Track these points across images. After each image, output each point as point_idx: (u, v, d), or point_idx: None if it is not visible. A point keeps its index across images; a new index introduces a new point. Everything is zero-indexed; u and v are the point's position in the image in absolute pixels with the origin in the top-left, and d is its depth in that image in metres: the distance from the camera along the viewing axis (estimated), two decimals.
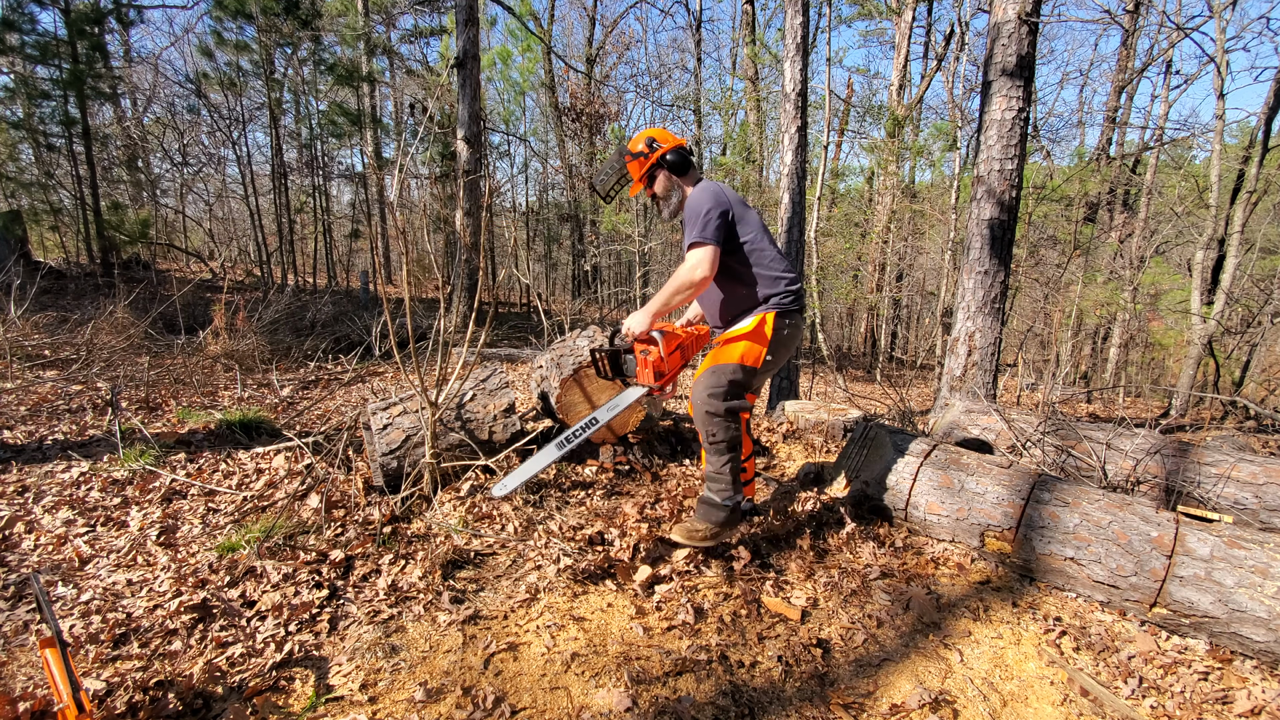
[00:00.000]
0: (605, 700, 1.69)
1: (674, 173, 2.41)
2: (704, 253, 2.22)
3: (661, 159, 2.39)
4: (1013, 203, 4.46)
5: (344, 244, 16.69)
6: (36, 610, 2.01)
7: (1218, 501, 2.73)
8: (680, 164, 2.38)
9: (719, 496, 2.38)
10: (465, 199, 9.96)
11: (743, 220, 2.35)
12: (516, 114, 15.85)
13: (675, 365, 2.48)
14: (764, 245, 2.37)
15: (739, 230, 2.34)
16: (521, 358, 7.14)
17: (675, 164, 2.38)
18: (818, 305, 11.03)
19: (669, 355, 2.42)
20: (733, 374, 2.32)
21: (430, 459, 2.67)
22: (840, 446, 3.82)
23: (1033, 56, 4.41)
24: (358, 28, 13.35)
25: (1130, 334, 13.26)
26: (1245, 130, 12.27)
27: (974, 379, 4.56)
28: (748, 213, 2.39)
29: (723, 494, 2.38)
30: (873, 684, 1.84)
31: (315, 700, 1.67)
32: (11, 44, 9.98)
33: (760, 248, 2.37)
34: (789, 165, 6.23)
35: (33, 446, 3.30)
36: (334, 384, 5.34)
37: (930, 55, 15.72)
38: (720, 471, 2.37)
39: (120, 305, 6.01)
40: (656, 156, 2.39)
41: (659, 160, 2.40)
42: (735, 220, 2.33)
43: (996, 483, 2.48)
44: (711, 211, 2.24)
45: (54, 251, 13.18)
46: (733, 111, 16.02)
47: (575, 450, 3.39)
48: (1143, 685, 1.87)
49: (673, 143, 2.40)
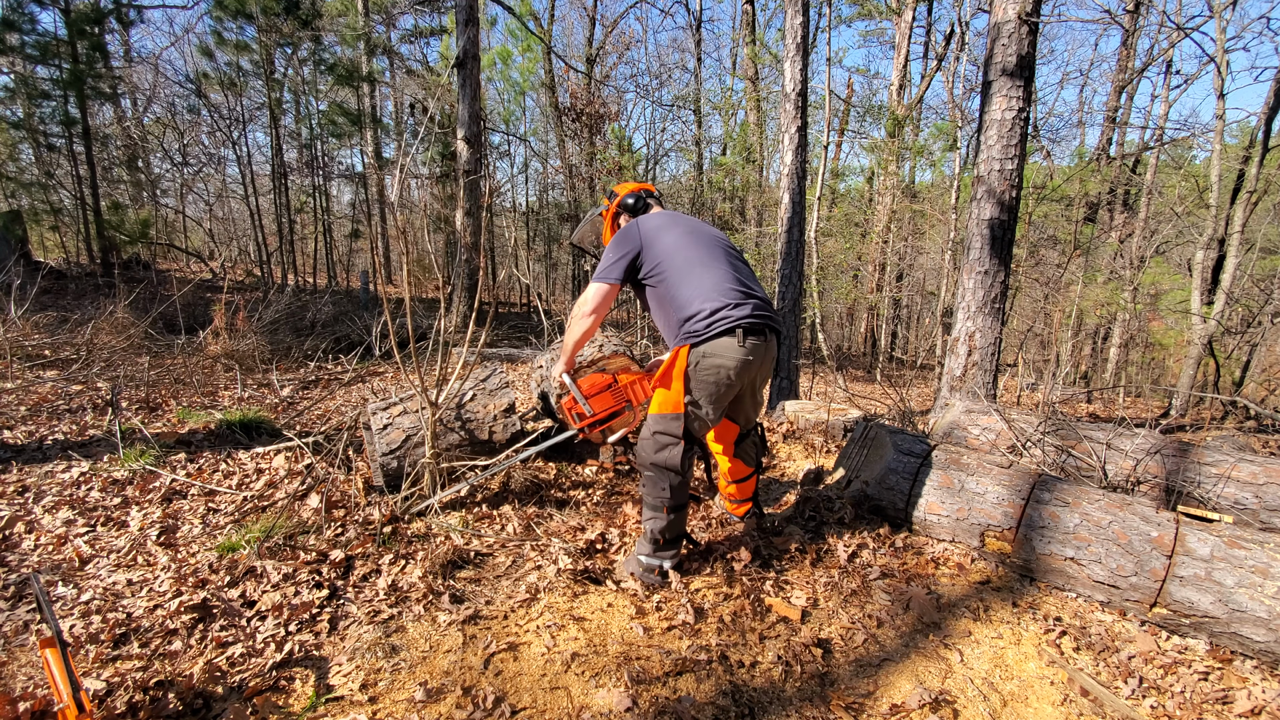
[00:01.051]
0: (605, 700, 1.69)
1: (631, 214, 2.59)
2: (591, 290, 2.29)
3: (622, 204, 2.61)
4: (1013, 203, 4.46)
5: (344, 244, 16.69)
6: (36, 610, 2.01)
7: (1218, 501, 2.73)
8: (634, 206, 2.58)
9: (639, 552, 2.28)
10: (465, 199, 9.95)
11: (652, 248, 2.27)
12: (516, 114, 15.85)
13: (604, 406, 2.49)
14: (678, 269, 2.22)
15: (644, 261, 2.28)
16: (521, 358, 7.14)
17: (630, 206, 2.59)
18: (817, 305, 11.02)
19: (591, 398, 2.47)
20: (654, 425, 2.21)
21: (430, 459, 2.67)
22: (840, 446, 3.82)
23: (1033, 56, 4.41)
24: (358, 28, 13.36)
25: (1130, 334, 13.25)
26: (1245, 130, 12.27)
27: (974, 379, 4.56)
28: (663, 238, 2.29)
29: (641, 550, 2.28)
30: (873, 684, 1.84)
31: (315, 700, 1.67)
32: (11, 44, 9.97)
33: (671, 272, 2.22)
34: (789, 165, 6.23)
35: (33, 446, 3.30)
36: (334, 384, 5.34)
37: (930, 55, 15.71)
38: (642, 526, 2.30)
39: (120, 305, 6.01)
40: (615, 205, 2.63)
41: (619, 207, 2.62)
42: (642, 256, 2.28)
43: (996, 483, 2.48)
44: (615, 252, 2.30)
45: (54, 251, 13.17)
46: (733, 111, 16.02)
47: (571, 451, 3.40)
48: (1143, 685, 1.87)
49: (628, 189, 2.63)
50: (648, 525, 2.24)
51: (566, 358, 2.43)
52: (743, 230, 13.35)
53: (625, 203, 2.60)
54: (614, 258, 2.28)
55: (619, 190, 2.64)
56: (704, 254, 2.27)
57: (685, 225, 2.36)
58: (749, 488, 2.63)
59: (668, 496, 2.19)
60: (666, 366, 2.21)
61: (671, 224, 2.35)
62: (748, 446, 2.54)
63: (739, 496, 2.65)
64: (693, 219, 2.44)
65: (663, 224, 2.35)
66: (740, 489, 2.63)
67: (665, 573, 2.27)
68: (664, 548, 2.26)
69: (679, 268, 2.23)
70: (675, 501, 2.20)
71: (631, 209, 2.58)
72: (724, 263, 2.27)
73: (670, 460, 2.16)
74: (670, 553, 2.27)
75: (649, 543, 2.25)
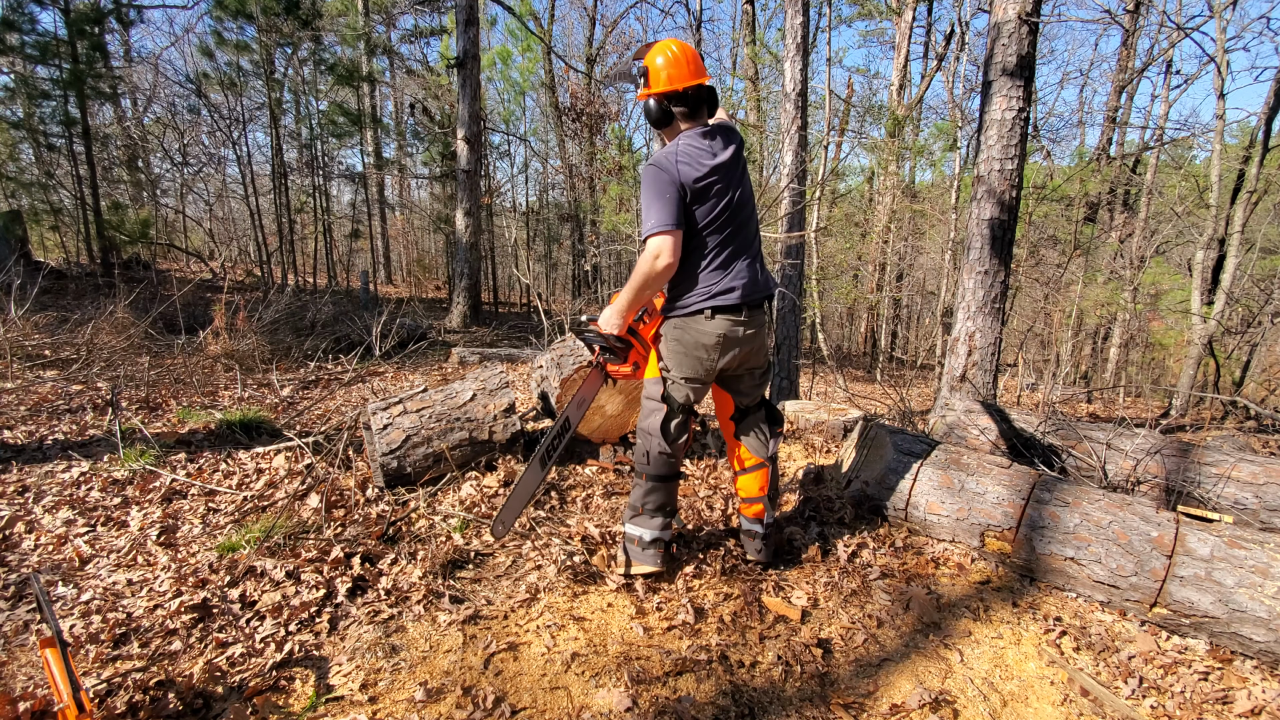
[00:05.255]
0: (605, 700, 1.69)
1: (655, 126, 2.10)
2: (660, 242, 1.93)
3: (645, 105, 2.07)
4: (1013, 202, 4.46)
5: (344, 244, 16.69)
6: (36, 610, 2.01)
7: (1218, 501, 2.73)
8: (659, 117, 2.06)
9: (623, 521, 2.26)
10: (465, 199, 9.96)
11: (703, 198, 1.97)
12: (516, 114, 15.84)
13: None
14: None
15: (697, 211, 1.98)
16: (521, 358, 7.13)
17: (653, 117, 2.07)
18: (817, 305, 11.02)
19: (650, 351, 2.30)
20: (644, 389, 2.21)
21: (431, 459, 2.67)
22: (840, 446, 3.82)
23: (1033, 56, 4.41)
24: (358, 28, 13.36)
25: (1130, 334, 13.25)
26: (1245, 130, 12.27)
27: (974, 379, 4.56)
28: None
29: (625, 518, 2.26)
30: (873, 684, 1.84)
31: (315, 700, 1.67)
32: (11, 44, 9.97)
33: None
34: (789, 165, 6.23)
35: (33, 446, 3.30)
36: (334, 384, 5.33)
37: (930, 55, 15.71)
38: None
39: (120, 305, 6.01)
40: (642, 99, 2.09)
41: (644, 107, 2.09)
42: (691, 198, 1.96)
43: (997, 483, 2.48)
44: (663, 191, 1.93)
45: (54, 251, 13.17)
46: (733, 111, 16.01)
47: (571, 450, 3.40)
48: (1143, 685, 1.87)
49: (658, 88, 2.03)
50: (631, 494, 2.24)
51: (622, 313, 2.09)
52: None
53: (650, 106, 2.06)
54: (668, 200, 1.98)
55: (652, 77, 2.04)
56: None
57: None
58: (759, 482, 2.31)
59: (645, 463, 2.18)
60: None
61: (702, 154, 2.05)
62: (750, 427, 2.32)
63: (747, 494, 2.33)
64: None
65: (695, 151, 2.04)
66: (746, 482, 2.33)
67: (647, 543, 2.20)
68: (643, 516, 2.21)
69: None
70: (655, 470, 2.17)
71: (656, 120, 2.08)
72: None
73: (650, 425, 2.16)
74: (653, 523, 2.20)
75: (630, 509, 2.25)
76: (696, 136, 2.05)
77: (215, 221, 16.07)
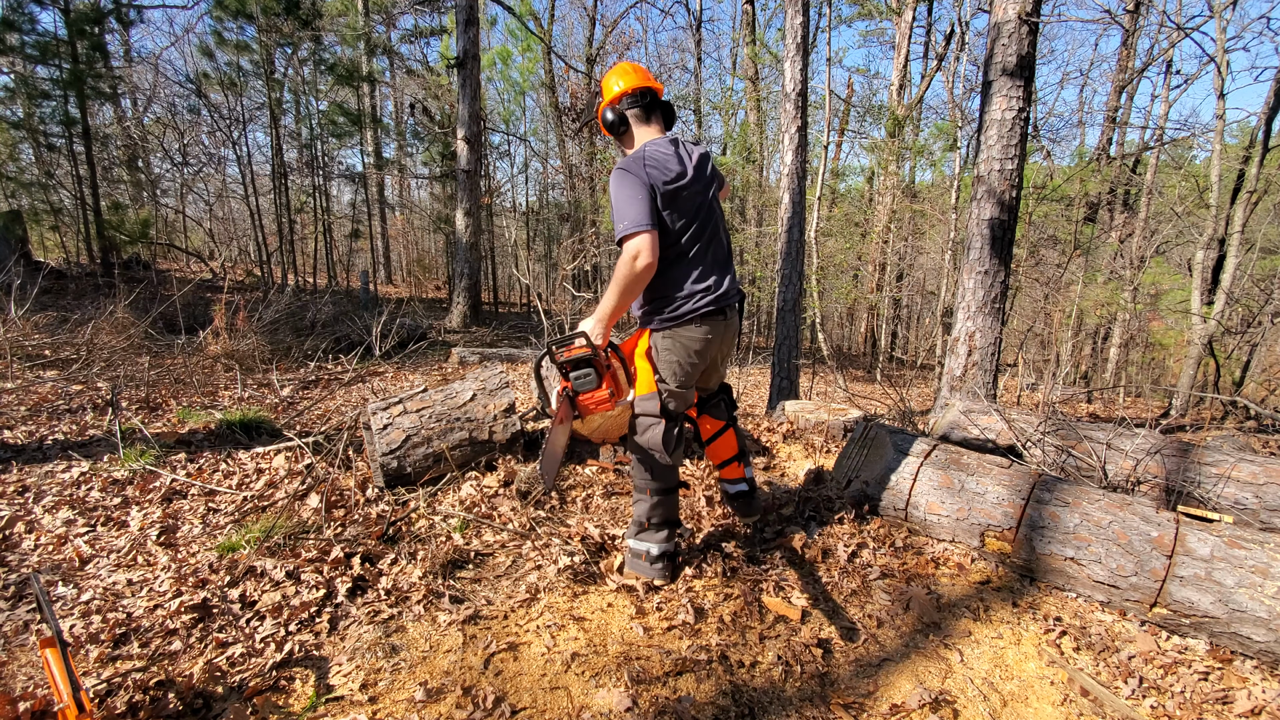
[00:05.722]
0: (605, 700, 1.69)
1: (614, 135, 2.17)
2: (638, 242, 1.90)
3: (602, 117, 2.17)
4: (1013, 202, 4.46)
5: (344, 244, 16.69)
6: (36, 610, 2.01)
7: (1218, 501, 2.73)
8: (615, 122, 2.13)
9: (627, 536, 2.27)
10: (465, 199, 9.96)
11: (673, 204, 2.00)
12: (516, 114, 15.85)
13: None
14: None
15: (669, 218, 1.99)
16: (521, 358, 7.13)
17: (609, 123, 2.15)
18: (817, 305, 11.01)
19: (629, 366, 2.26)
20: (637, 406, 2.17)
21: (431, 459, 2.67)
22: (840, 446, 3.82)
23: (1033, 56, 4.41)
24: (358, 28, 13.36)
25: (1130, 334, 13.24)
26: (1245, 130, 12.28)
27: (974, 379, 4.56)
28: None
29: (629, 534, 2.27)
30: (873, 684, 1.84)
31: (315, 700, 1.67)
32: (11, 44, 9.97)
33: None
34: (789, 165, 6.23)
35: (33, 446, 3.30)
36: (334, 384, 5.34)
37: (930, 55, 15.71)
38: (632, 510, 2.26)
39: (120, 305, 6.00)
40: (599, 112, 2.18)
41: (601, 120, 2.18)
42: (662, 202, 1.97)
43: (997, 483, 2.48)
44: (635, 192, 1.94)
45: (54, 251, 13.17)
46: (733, 111, 16.03)
47: (571, 450, 3.40)
48: (1143, 685, 1.87)
49: (609, 95, 2.11)
50: (635, 509, 2.25)
51: (604, 321, 2.03)
52: (743, 230, 13.36)
53: (607, 118, 2.16)
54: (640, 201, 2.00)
55: (605, 91, 2.16)
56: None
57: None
58: (729, 444, 2.45)
59: (649, 478, 2.17)
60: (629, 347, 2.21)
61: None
62: (713, 407, 2.45)
63: (720, 457, 2.46)
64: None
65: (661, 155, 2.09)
66: (716, 448, 2.46)
67: (655, 558, 2.21)
68: (649, 531, 2.22)
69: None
70: (660, 484, 2.18)
71: (611, 126, 2.18)
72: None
73: (651, 440, 2.12)
74: (658, 537, 2.22)
75: (635, 525, 2.26)
76: (664, 143, 2.08)
77: (215, 221, 16.07)
